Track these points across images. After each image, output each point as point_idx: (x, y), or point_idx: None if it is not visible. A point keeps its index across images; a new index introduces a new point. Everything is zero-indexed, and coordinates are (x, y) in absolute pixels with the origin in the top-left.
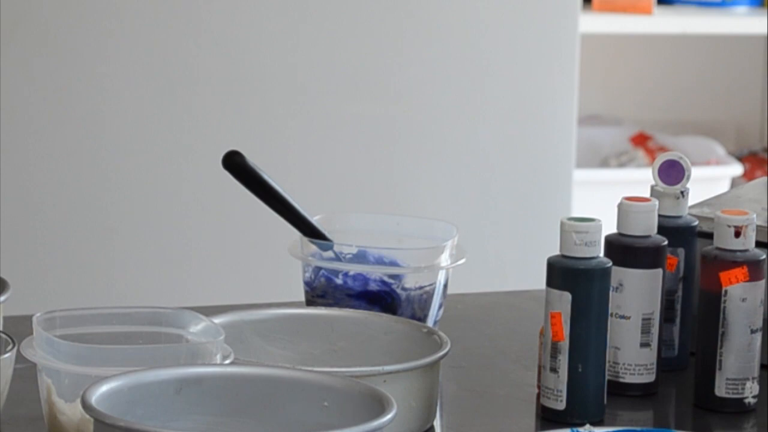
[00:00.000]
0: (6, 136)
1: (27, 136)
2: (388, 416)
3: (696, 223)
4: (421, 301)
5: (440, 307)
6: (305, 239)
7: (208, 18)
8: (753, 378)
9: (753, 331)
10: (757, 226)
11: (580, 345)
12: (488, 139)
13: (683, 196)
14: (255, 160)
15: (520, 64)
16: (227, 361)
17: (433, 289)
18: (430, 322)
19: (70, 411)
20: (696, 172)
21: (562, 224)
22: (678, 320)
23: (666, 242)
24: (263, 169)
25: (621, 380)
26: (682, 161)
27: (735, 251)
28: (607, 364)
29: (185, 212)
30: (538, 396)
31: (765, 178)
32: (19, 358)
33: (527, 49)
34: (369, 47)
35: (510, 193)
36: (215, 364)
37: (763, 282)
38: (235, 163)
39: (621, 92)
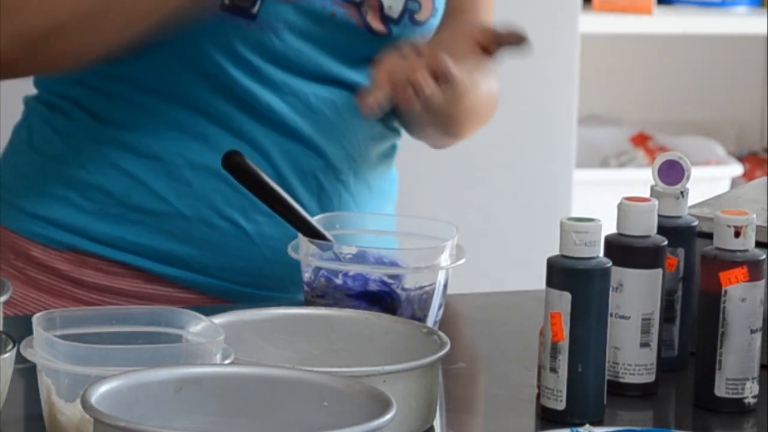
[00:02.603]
0: (6, 136)
1: None
2: (388, 416)
3: (696, 223)
4: (421, 301)
5: (440, 307)
6: (305, 239)
7: None
8: (753, 378)
9: (753, 331)
10: (757, 226)
11: (580, 345)
12: (488, 139)
13: (683, 196)
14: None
15: (520, 64)
16: (227, 361)
17: (433, 289)
18: (430, 322)
19: (70, 411)
20: (696, 172)
21: (562, 224)
22: (678, 320)
23: (666, 242)
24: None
25: (621, 380)
26: (682, 161)
27: (735, 251)
28: (606, 364)
29: None
30: (538, 396)
31: (765, 178)
32: (19, 358)
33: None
34: None
35: (510, 193)
36: (215, 364)
37: (762, 282)
38: (235, 163)
39: (621, 92)
